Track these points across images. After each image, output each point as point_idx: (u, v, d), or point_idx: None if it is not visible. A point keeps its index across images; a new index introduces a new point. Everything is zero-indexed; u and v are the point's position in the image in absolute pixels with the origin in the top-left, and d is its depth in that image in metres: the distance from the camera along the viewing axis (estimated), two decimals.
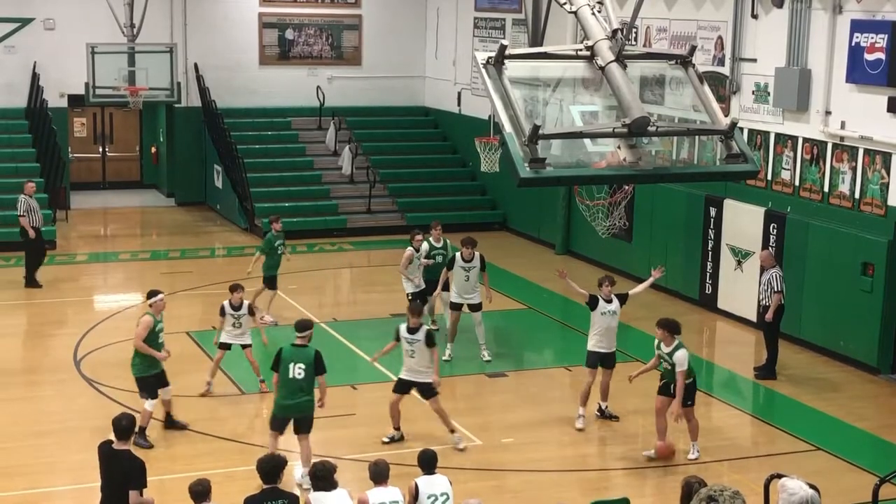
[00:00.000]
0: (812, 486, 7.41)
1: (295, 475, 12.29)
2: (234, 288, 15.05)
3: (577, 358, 17.22)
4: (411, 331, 13.40)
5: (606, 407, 14.75)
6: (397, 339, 13.52)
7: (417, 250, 17.52)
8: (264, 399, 15.40)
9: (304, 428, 12.39)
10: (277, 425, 12.48)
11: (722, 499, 6.04)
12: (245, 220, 25.54)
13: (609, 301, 14.58)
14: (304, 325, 12.56)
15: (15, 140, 25.88)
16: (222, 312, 15.02)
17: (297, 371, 12.25)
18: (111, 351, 16.55)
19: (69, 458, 12.66)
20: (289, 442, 13.84)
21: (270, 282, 18.30)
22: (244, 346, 15.07)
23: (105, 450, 10.07)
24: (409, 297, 17.06)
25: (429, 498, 9.64)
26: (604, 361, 14.55)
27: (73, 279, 21.35)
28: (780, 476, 7.97)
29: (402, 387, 13.61)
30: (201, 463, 12.80)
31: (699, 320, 19.38)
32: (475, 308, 16.73)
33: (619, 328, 15.42)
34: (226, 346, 15.09)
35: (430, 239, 17.69)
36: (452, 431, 13.59)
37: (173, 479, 12.23)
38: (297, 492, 10.49)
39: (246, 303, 15.02)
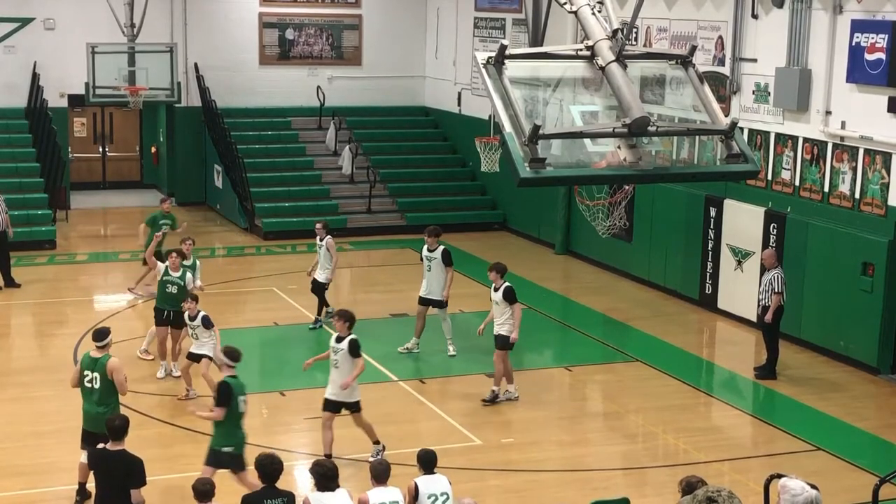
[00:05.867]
0: (812, 486, 7.42)
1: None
2: (185, 298, 14.80)
3: (577, 358, 17.27)
4: (338, 339, 13.15)
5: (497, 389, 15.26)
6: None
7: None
8: (264, 399, 15.40)
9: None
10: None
11: (721, 499, 6.05)
12: (245, 220, 25.54)
13: (495, 290, 15.00)
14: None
15: (15, 140, 25.87)
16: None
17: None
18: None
19: (68, 458, 12.64)
20: (289, 441, 13.85)
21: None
22: (204, 357, 14.60)
23: (99, 453, 10.06)
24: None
25: (429, 498, 9.63)
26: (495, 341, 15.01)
27: (73, 279, 21.36)
28: (779, 476, 7.98)
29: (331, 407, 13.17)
30: (202, 463, 12.78)
31: (699, 320, 19.38)
32: (435, 304, 16.77)
33: (618, 327, 15.42)
34: (194, 358, 14.76)
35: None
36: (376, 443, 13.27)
37: (174, 478, 12.24)
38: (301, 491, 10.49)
39: (201, 314, 14.59)
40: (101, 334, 12.01)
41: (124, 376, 11.92)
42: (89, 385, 11.73)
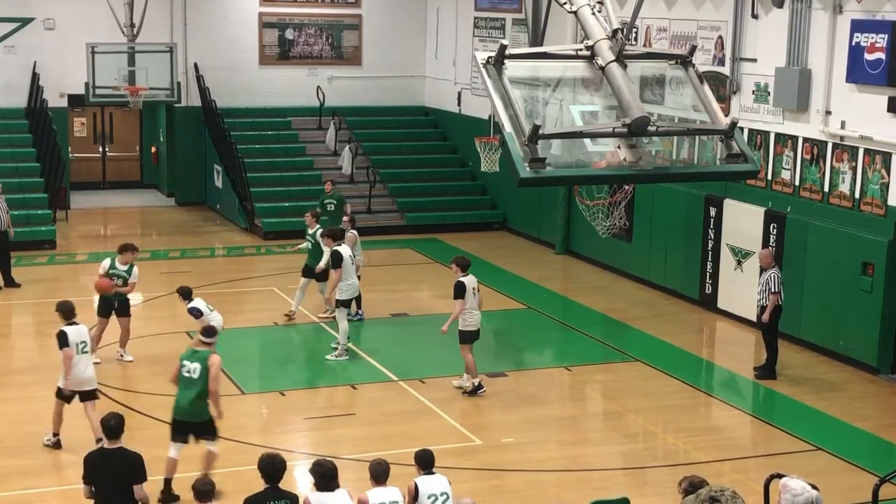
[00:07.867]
0: (813, 486, 7.42)
1: None
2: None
3: (577, 358, 17.28)
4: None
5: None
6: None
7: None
8: (264, 399, 15.41)
9: None
10: None
11: (724, 499, 6.05)
12: (245, 219, 25.55)
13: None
14: None
15: (15, 140, 25.88)
16: None
17: None
18: (111, 350, 16.55)
19: (69, 458, 12.66)
20: (289, 441, 13.85)
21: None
22: None
23: (98, 453, 10.04)
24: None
25: (429, 498, 9.63)
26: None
27: (73, 279, 21.34)
28: (780, 476, 7.99)
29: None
30: (201, 463, 12.78)
31: (699, 320, 19.38)
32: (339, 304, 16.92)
33: (618, 327, 15.45)
34: None
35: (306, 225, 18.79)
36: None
37: (174, 478, 12.22)
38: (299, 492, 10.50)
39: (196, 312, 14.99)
40: (211, 331, 12.42)
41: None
42: (188, 375, 12.01)
